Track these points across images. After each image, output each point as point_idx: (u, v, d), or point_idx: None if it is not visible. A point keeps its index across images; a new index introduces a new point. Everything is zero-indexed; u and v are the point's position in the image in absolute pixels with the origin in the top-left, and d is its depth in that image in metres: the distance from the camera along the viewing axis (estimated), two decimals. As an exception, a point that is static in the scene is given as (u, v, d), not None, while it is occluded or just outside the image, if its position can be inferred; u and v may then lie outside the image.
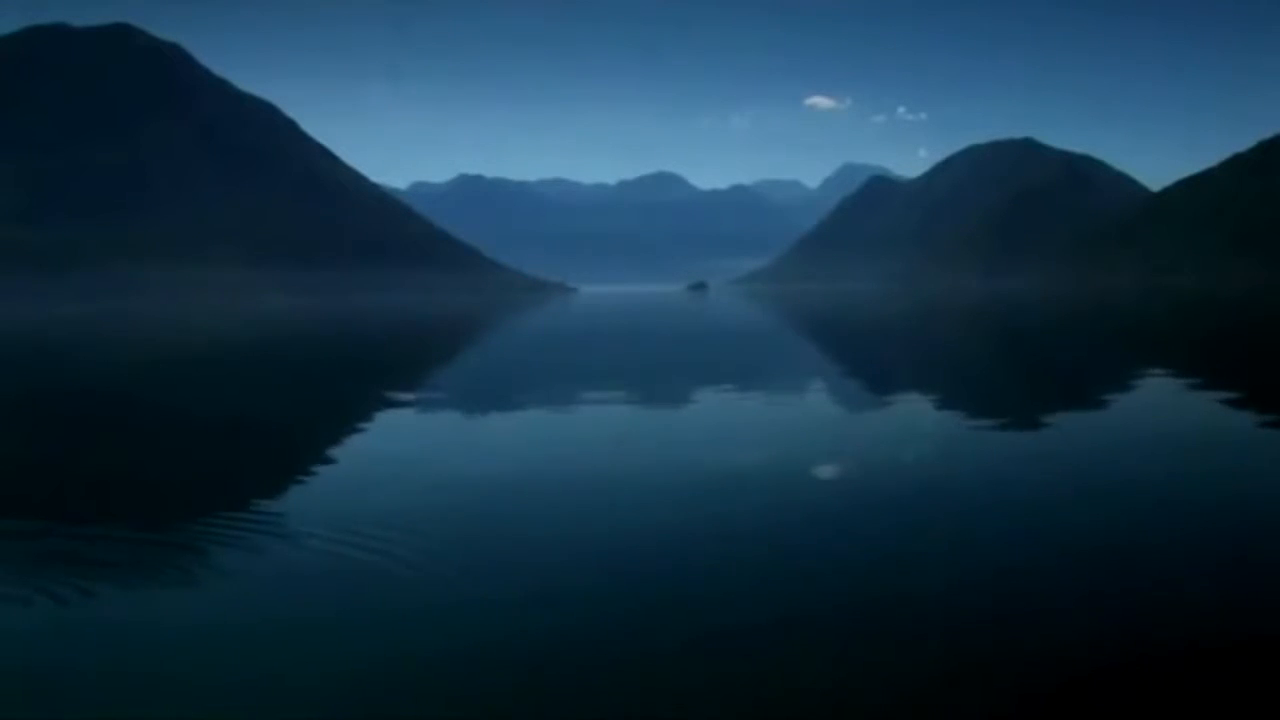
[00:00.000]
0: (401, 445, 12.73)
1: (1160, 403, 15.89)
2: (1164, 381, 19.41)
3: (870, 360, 28.98)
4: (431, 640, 5.34)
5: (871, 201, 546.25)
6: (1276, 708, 4.42)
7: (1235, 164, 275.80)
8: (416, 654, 5.14)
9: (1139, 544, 7.10)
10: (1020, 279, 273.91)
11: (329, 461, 11.63)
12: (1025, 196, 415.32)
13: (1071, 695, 4.58)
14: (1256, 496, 8.67)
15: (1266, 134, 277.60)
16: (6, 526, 8.28)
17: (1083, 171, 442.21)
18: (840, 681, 4.78)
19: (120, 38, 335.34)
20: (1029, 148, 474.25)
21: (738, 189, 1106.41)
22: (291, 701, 4.63)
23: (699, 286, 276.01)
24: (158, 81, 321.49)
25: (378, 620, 5.66)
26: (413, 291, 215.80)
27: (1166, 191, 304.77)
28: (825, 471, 10.38)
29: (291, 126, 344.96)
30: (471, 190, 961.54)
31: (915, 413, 15.39)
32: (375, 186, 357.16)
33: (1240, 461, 10.43)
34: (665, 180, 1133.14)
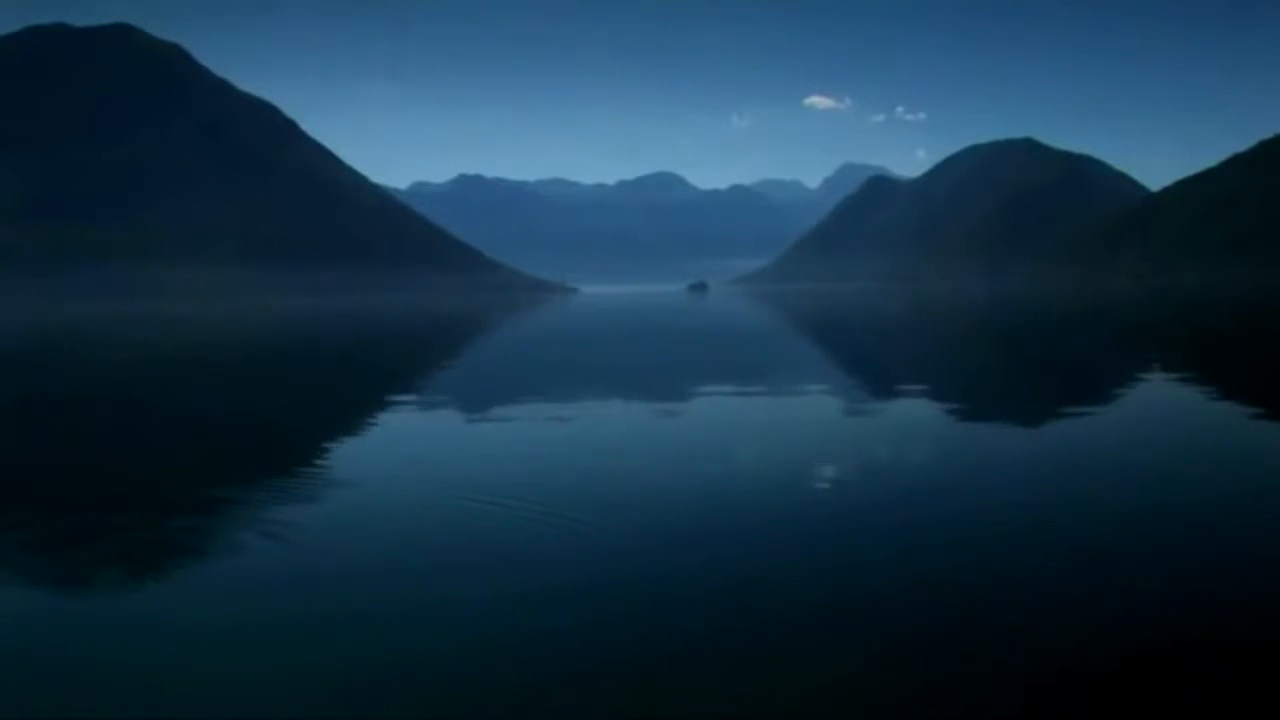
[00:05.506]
0: (399, 447, 12.73)
1: (1159, 401, 15.87)
2: (1163, 381, 19.40)
3: (869, 360, 28.96)
4: (428, 641, 5.34)
5: (871, 201, 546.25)
6: (1276, 708, 4.43)
7: (1235, 164, 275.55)
8: (411, 654, 5.12)
9: (1136, 545, 7.09)
10: (1020, 279, 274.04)
11: (324, 466, 11.62)
12: (1025, 196, 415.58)
13: (1069, 696, 4.58)
14: (1258, 494, 8.68)
15: (1266, 134, 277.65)
16: (15, 522, 8.28)
17: (1083, 171, 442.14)
18: (841, 682, 4.78)
19: (120, 38, 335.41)
20: (1029, 148, 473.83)
21: (738, 189, 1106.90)
22: (290, 700, 4.65)
23: (699, 286, 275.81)
24: (158, 81, 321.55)
25: (371, 621, 5.66)
26: (413, 292, 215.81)
27: (1166, 191, 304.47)
28: (825, 471, 10.37)
29: (291, 126, 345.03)
30: (471, 190, 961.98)
31: (916, 413, 15.37)
32: (375, 186, 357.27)
33: (1242, 459, 10.43)
34: (665, 180, 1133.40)
